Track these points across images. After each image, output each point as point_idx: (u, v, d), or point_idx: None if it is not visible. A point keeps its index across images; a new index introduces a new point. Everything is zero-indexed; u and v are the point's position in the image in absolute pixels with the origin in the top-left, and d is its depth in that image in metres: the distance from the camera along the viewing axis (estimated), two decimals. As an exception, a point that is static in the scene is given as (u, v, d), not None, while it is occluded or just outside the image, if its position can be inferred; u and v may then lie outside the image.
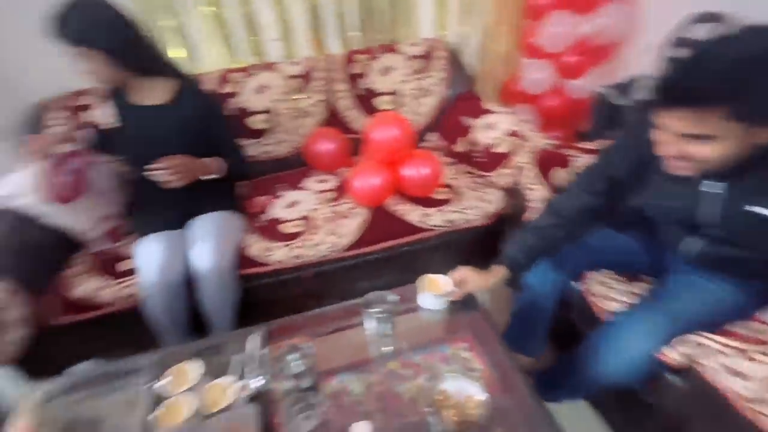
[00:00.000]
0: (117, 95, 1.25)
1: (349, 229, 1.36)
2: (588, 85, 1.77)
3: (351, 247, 1.35)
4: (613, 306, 1.01)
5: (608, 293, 1.05)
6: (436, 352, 0.96)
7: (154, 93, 1.24)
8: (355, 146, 1.71)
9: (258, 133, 1.65)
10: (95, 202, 1.41)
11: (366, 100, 1.74)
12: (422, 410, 0.79)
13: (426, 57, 1.75)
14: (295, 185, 1.58)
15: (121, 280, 1.24)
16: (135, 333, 1.23)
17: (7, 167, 1.29)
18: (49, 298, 1.21)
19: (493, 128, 1.48)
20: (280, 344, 1.02)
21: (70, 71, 1.63)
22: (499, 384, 0.85)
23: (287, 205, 1.48)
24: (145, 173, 1.14)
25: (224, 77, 1.64)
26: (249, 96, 1.63)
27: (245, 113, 1.62)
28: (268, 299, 1.36)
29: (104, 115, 1.30)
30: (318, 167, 1.67)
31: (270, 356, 0.96)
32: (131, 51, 1.13)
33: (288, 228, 1.37)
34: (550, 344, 1.22)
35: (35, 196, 1.23)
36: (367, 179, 1.33)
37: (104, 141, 1.28)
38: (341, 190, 1.54)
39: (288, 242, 1.32)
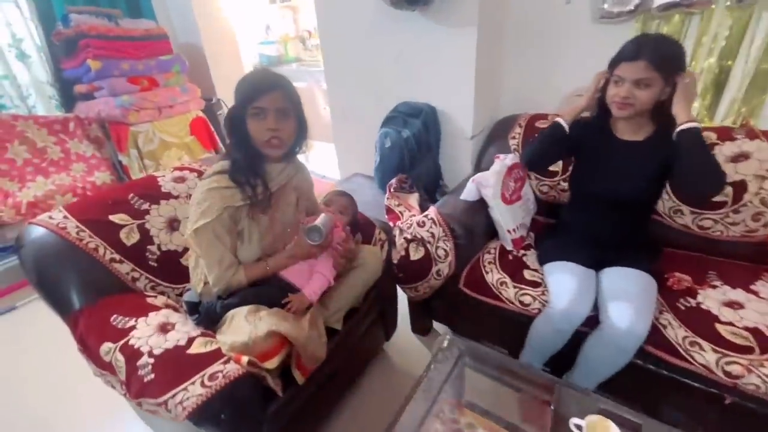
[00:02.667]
0: (599, 125, 1.34)
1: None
2: None
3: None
4: None
5: None
6: None
7: (638, 130, 1.27)
8: None
9: (712, 204, 1.39)
10: (521, 210, 1.63)
11: None
12: None
13: None
14: (741, 283, 1.24)
15: (522, 286, 1.36)
16: (508, 332, 1.35)
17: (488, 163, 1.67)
18: (467, 269, 1.51)
19: None
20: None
21: (529, 99, 1.99)
22: None
23: (725, 302, 1.18)
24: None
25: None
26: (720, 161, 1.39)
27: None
28: (650, 387, 1.16)
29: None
30: (789, 274, 1.24)
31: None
32: None
33: (727, 333, 1.08)
34: None
35: (491, 191, 1.54)
36: None
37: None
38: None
39: (722, 349, 1.05)
